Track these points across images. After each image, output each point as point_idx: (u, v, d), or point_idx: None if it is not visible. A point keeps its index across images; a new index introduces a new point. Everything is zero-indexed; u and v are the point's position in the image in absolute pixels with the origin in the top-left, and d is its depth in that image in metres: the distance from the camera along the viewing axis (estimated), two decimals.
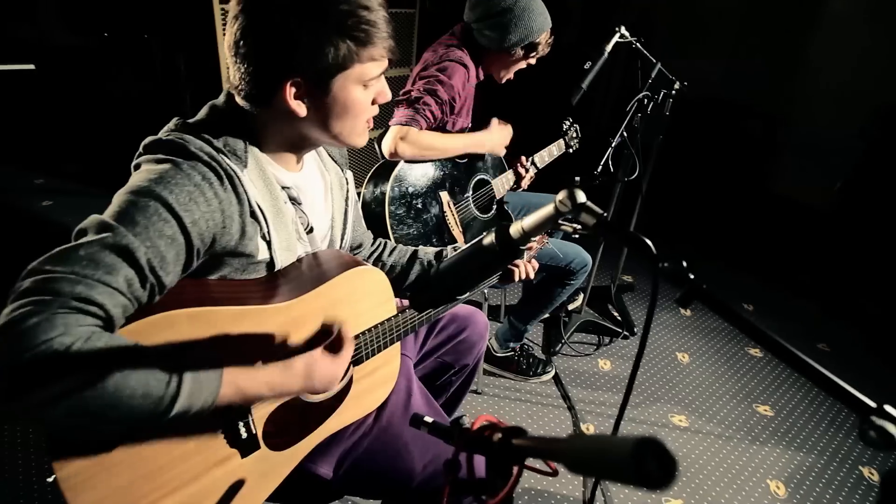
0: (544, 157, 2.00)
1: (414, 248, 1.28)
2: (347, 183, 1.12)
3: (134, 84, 3.71)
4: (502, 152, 1.86)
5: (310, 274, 0.95)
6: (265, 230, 0.87)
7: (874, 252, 3.27)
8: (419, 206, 1.64)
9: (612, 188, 2.11)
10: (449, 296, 0.79)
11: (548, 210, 0.64)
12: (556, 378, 2.17)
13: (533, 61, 1.80)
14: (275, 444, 0.95)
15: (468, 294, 0.94)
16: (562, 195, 0.62)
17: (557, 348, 2.31)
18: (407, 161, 1.61)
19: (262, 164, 0.89)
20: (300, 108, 0.84)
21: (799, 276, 3.18)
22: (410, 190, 1.62)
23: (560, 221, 0.64)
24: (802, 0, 3.84)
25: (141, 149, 0.83)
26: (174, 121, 0.86)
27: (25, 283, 0.63)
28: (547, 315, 2.07)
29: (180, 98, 3.17)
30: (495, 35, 1.67)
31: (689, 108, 2.02)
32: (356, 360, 1.02)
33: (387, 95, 0.91)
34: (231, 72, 0.84)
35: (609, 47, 1.84)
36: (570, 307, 2.47)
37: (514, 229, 0.68)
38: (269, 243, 0.88)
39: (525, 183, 1.94)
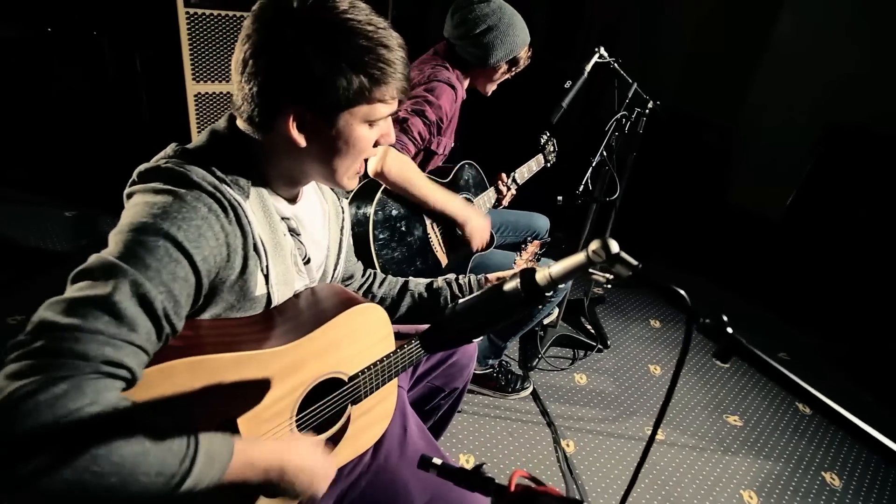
0: (524, 173, 2.00)
1: (404, 279, 1.25)
2: (343, 212, 1.08)
3: (82, 83, 3.49)
4: (476, 243, 1.77)
5: (308, 313, 0.91)
6: (264, 264, 0.83)
7: (824, 260, 3.44)
8: (403, 228, 1.60)
9: (588, 207, 2.13)
10: (463, 339, 0.76)
11: (578, 259, 0.62)
12: (535, 393, 2.17)
13: (512, 74, 1.81)
14: None
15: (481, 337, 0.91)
16: (595, 245, 0.60)
17: (534, 363, 2.31)
18: (389, 185, 1.56)
19: (262, 194, 0.85)
20: (300, 140, 0.80)
21: (756, 285, 3.31)
22: (394, 213, 1.58)
23: (591, 271, 0.62)
24: (753, 23, 4.01)
25: (135, 176, 0.77)
26: (172, 147, 0.80)
27: (43, 342, 0.57)
28: (528, 328, 2.07)
29: (136, 99, 3.01)
30: (480, 52, 1.66)
31: (649, 122, 2.07)
32: (355, 399, 0.97)
33: (391, 138, 0.88)
34: (235, 91, 0.80)
35: (589, 67, 1.85)
36: (546, 321, 2.48)
37: (541, 276, 0.65)
38: (266, 277, 0.84)
39: (506, 201, 1.93)
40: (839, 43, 3.62)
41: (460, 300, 0.74)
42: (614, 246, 0.60)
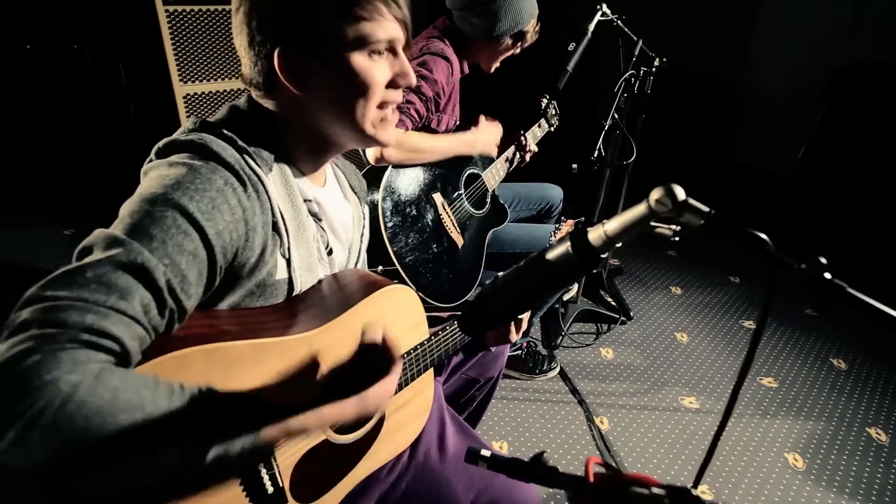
0: (536, 133, 1.92)
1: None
2: (364, 219, 1.00)
3: (67, 98, 3.41)
4: (494, 152, 1.76)
5: (333, 298, 0.83)
6: (286, 245, 0.76)
7: (839, 214, 3.35)
8: (414, 213, 1.53)
9: (602, 173, 2.05)
10: (506, 316, 0.68)
11: (638, 211, 0.54)
12: (562, 372, 2.10)
13: (518, 51, 1.70)
14: (303, 495, 0.83)
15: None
16: (658, 193, 0.52)
17: (559, 341, 2.25)
18: (394, 167, 1.49)
19: (285, 170, 0.78)
20: (296, 85, 0.73)
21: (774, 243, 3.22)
22: (403, 198, 1.50)
23: (653, 224, 0.55)
24: None
25: (153, 154, 0.71)
26: (192, 119, 0.74)
27: (23, 314, 0.51)
28: (550, 304, 2.00)
29: (124, 108, 2.93)
30: (483, 23, 1.57)
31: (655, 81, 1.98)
32: None
33: (409, 77, 0.78)
34: (243, 62, 0.76)
35: (592, 26, 1.77)
36: (566, 297, 2.41)
37: (595, 235, 0.58)
38: (288, 261, 0.77)
39: (529, 156, 1.85)
40: None
41: (500, 274, 0.66)
42: (680, 192, 0.52)
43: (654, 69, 1.99)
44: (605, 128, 1.74)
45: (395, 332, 0.88)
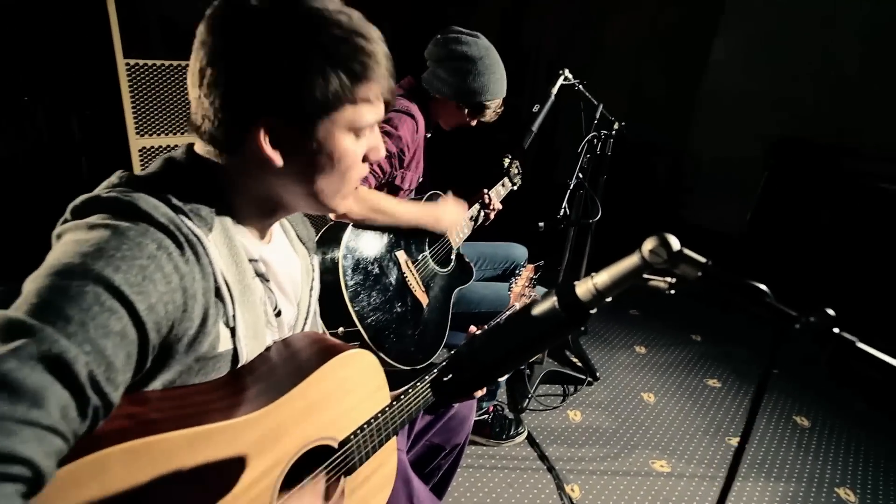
0: (500, 191, 1.92)
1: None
2: (313, 272, 0.93)
3: (13, 154, 3.25)
4: (460, 233, 1.73)
5: (284, 368, 0.75)
6: (230, 313, 0.67)
7: (788, 270, 3.49)
8: (377, 271, 1.47)
9: (567, 232, 2.06)
10: (486, 379, 0.63)
11: (631, 263, 0.51)
12: (530, 437, 2.02)
13: (473, 124, 1.73)
14: None
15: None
16: (652, 243, 0.49)
17: (525, 404, 2.17)
18: (355, 224, 1.44)
19: (227, 227, 0.70)
20: (276, 158, 0.66)
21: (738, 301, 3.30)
22: (364, 255, 1.45)
23: (646, 276, 0.51)
24: (690, 50, 4.19)
25: (68, 213, 0.62)
26: (117, 174, 0.65)
27: None
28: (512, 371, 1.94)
29: (75, 163, 2.80)
30: (450, 79, 1.58)
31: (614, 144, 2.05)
32: (349, 470, 0.81)
33: (380, 151, 0.75)
34: (193, 108, 0.66)
35: (555, 90, 1.82)
36: (532, 358, 2.35)
37: (584, 289, 0.54)
38: (233, 330, 0.68)
39: (493, 214, 1.84)
40: (767, 65, 3.82)
41: (478, 332, 0.61)
42: (675, 242, 0.49)
43: (613, 132, 2.05)
44: (571, 187, 1.76)
45: (352, 402, 0.81)
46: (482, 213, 1.86)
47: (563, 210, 1.71)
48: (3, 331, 0.48)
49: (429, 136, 1.75)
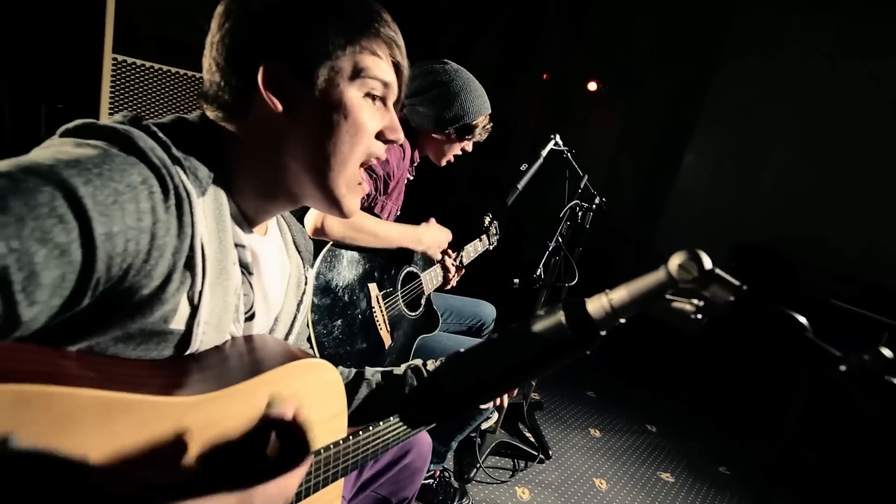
0: (470, 252, 1.87)
1: (358, 369, 1.00)
2: (306, 284, 0.85)
3: None
4: (438, 256, 1.69)
5: (237, 361, 0.65)
6: (197, 288, 0.58)
7: (745, 370, 3.50)
8: (346, 299, 1.37)
9: (538, 293, 2.01)
10: (468, 403, 0.54)
11: (655, 278, 0.45)
12: None
13: (469, 146, 1.70)
14: None
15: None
16: (681, 258, 0.44)
17: (472, 474, 2.02)
18: (334, 243, 1.36)
19: (221, 199, 0.63)
20: (278, 103, 0.62)
21: (693, 396, 3.28)
22: (336, 280, 1.36)
23: (669, 296, 0.46)
24: (663, 156, 4.42)
25: (56, 135, 0.55)
26: (122, 113, 0.59)
27: None
28: (470, 430, 1.81)
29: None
30: (429, 112, 1.55)
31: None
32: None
33: (397, 132, 0.71)
34: (205, 79, 0.65)
35: (544, 152, 1.84)
36: (484, 426, 2.23)
37: (596, 306, 0.47)
38: (194, 309, 0.58)
39: (454, 281, 1.77)
40: (733, 175, 4.05)
41: (462, 348, 0.53)
42: (707, 260, 0.44)
43: (594, 206, 2.07)
44: (549, 249, 1.74)
45: (312, 417, 0.70)
46: (452, 270, 1.79)
47: (539, 270, 1.68)
48: None
49: (411, 178, 1.71)
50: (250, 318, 0.72)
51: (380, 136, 0.70)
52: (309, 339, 1.21)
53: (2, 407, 0.40)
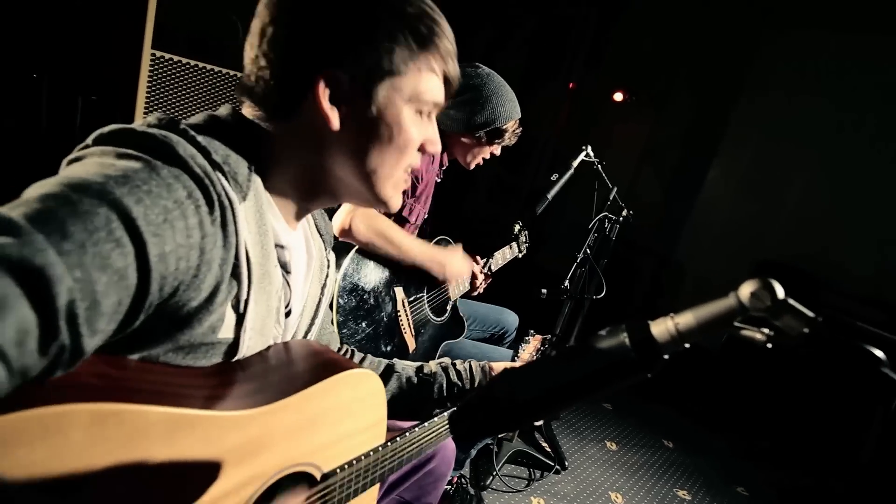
0: (498, 260, 1.86)
1: (389, 360, 1.02)
2: (329, 267, 0.86)
3: (9, 131, 3.13)
4: (460, 285, 1.67)
5: (281, 373, 0.66)
6: (243, 297, 0.58)
7: (770, 388, 3.44)
8: (371, 301, 1.38)
9: (563, 303, 2.00)
10: (521, 420, 0.54)
11: (726, 305, 0.45)
12: None
13: (497, 150, 1.69)
14: None
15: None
16: (753, 286, 0.43)
17: (489, 481, 2.01)
18: (359, 246, 1.37)
19: (262, 202, 0.63)
20: (333, 117, 0.62)
21: (714, 416, 3.23)
22: (363, 283, 1.36)
23: (738, 324, 0.45)
24: (686, 171, 4.38)
25: (90, 140, 0.54)
26: (155, 115, 0.58)
27: None
28: (489, 440, 1.81)
29: (68, 147, 2.70)
30: (460, 116, 1.55)
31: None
32: None
33: (436, 144, 0.71)
34: (248, 70, 0.63)
35: (576, 163, 1.83)
36: (500, 434, 2.22)
37: (661, 329, 0.47)
38: (241, 318, 0.59)
39: (481, 288, 1.77)
40: (756, 193, 4.00)
41: (516, 363, 0.53)
42: (780, 290, 0.43)
43: (621, 218, 2.06)
44: (578, 261, 1.73)
45: (346, 430, 0.71)
46: (481, 276, 1.79)
47: (567, 281, 1.67)
48: None
49: (438, 180, 1.72)
50: (288, 314, 0.73)
51: (419, 147, 0.70)
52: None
53: (78, 426, 0.41)
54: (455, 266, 1.58)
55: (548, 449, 2.34)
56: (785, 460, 2.91)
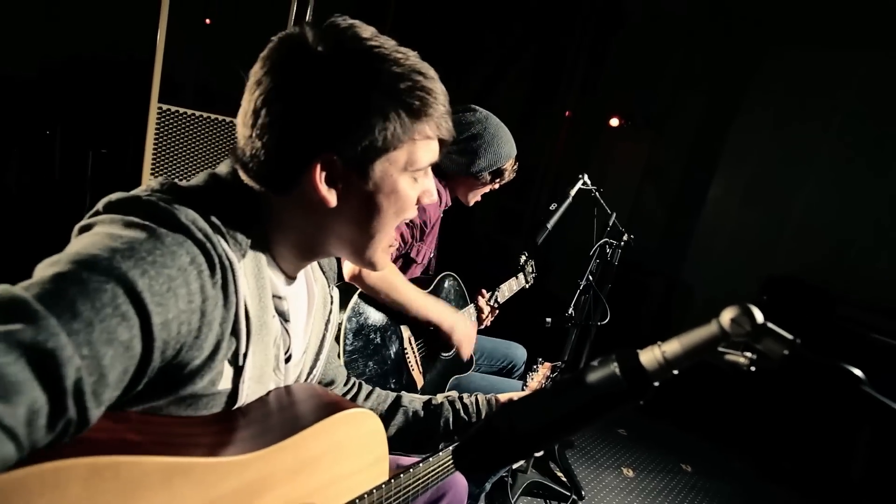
0: (505, 292, 1.88)
1: (396, 393, 1.03)
2: (332, 303, 0.88)
3: (23, 185, 3.22)
4: (465, 352, 1.64)
5: (280, 416, 0.68)
6: (241, 351, 0.61)
7: (775, 407, 3.38)
8: (378, 341, 1.40)
9: (568, 332, 2.01)
10: (521, 451, 0.55)
11: (708, 332, 0.47)
12: None
13: (497, 186, 1.75)
14: None
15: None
16: (733, 312, 0.45)
17: None
18: (365, 291, 1.39)
19: (260, 260, 0.66)
20: (331, 198, 0.64)
21: (732, 437, 3.17)
22: (370, 322, 1.38)
23: (721, 349, 0.47)
24: (688, 189, 4.41)
25: (100, 207, 0.57)
26: (158, 180, 0.61)
27: None
28: (503, 471, 1.79)
29: (80, 200, 2.78)
30: (463, 160, 1.61)
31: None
32: None
33: (432, 194, 0.73)
34: (241, 145, 0.64)
35: (573, 191, 1.87)
36: (515, 466, 2.19)
37: (649, 357, 0.49)
38: (239, 370, 0.62)
39: (488, 321, 1.78)
40: (760, 207, 4.02)
41: (514, 397, 0.55)
42: (759, 314, 0.45)
43: (622, 243, 2.08)
44: (581, 288, 1.75)
45: (347, 469, 0.72)
46: (487, 309, 1.80)
47: (571, 309, 1.68)
48: (3, 308, 0.42)
49: (448, 206, 1.75)
50: (287, 359, 0.75)
51: (416, 201, 0.72)
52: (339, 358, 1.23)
53: (76, 481, 0.44)
54: (463, 332, 1.57)
55: (563, 479, 2.31)
56: (808, 483, 2.84)
